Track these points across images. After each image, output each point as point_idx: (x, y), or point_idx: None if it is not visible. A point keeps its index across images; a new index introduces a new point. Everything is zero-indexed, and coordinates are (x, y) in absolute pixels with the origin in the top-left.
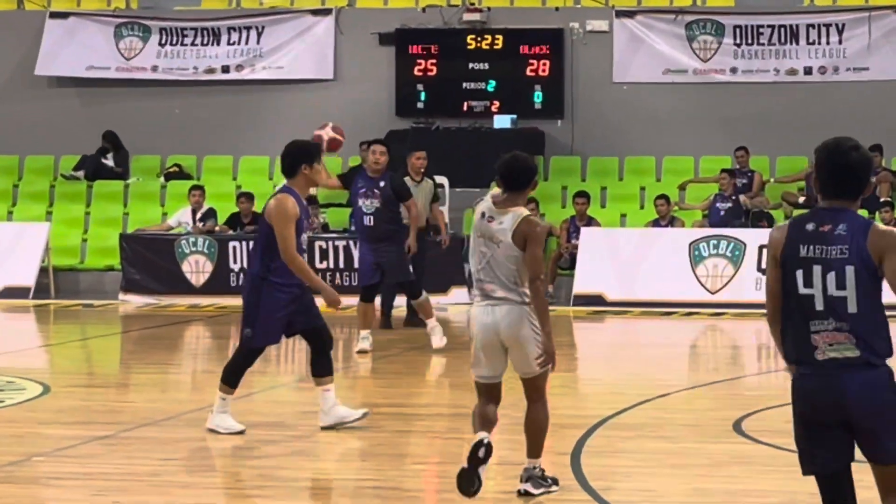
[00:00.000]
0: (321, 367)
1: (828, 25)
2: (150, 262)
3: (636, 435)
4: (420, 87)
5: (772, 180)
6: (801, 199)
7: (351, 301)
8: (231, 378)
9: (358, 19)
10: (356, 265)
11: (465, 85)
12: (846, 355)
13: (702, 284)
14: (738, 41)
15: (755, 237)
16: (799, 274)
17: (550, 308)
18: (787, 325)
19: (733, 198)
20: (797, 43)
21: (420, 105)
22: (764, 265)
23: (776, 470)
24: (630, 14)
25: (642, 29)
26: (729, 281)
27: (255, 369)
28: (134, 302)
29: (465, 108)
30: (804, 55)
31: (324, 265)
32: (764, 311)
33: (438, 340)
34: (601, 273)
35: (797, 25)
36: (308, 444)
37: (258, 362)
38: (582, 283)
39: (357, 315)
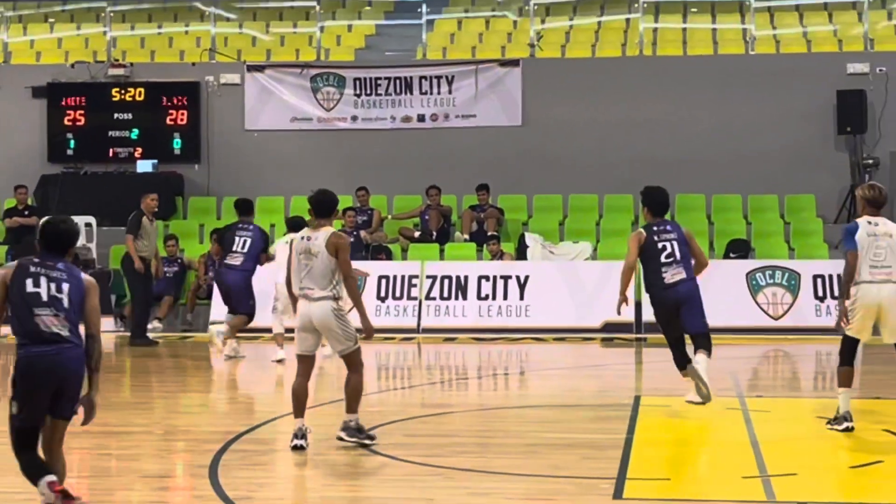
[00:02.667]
0: None
1: (439, 77)
2: None
3: (268, 449)
4: (70, 135)
5: (389, 217)
6: (417, 234)
7: None
8: None
9: (12, 74)
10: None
11: (110, 133)
12: (61, 334)
13: None
14: (357, 92)
15: (376, 269)
16: (29, 281)
17: (190, 334)
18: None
19: (354, 233)
20: (411, 93)
21: (70, 152)
22: (382, 294)
23: (395, 479)
24: (260, 68)
25: (271, 82)
26: (350, 310)
27: None
28: None
29: (111, 154)
30: (418, 104)
31: None
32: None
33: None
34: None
35: (411, 78)
36: None
37: None
38: (217, 311)
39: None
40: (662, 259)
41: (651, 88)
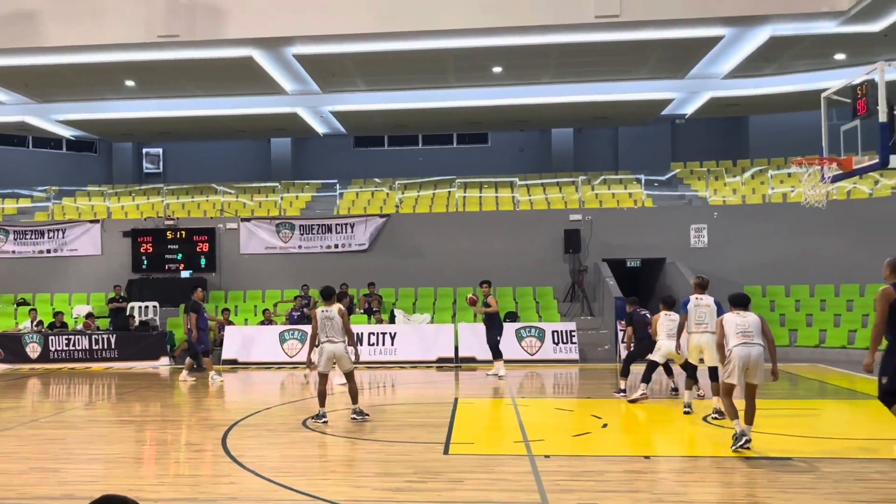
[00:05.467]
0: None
1: (346, 224)
2: (5, 346)
3: (255, 428)
4: (144, 258)
5: (318, 301)
6: None
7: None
8: None
9: (113, 224)
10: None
11: (167, 256)
12: None
13: (287, 354)
14: (302, 233)
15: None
16: None
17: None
18: None
19: (302, 310)
20: (331, 233)
21: (144, 266)
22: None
23: (324, 444)
24: (248, 220)
25: (254, 227)
26: (298, 350)
27: None
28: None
29: (167, 267)
30: (335, 239)
31: (98, 346)
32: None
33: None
34: (235, 347)
35: (331, 224)
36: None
37: None
38: (237, 351)
39: (210, 365)
40: None
41: (463, 230)
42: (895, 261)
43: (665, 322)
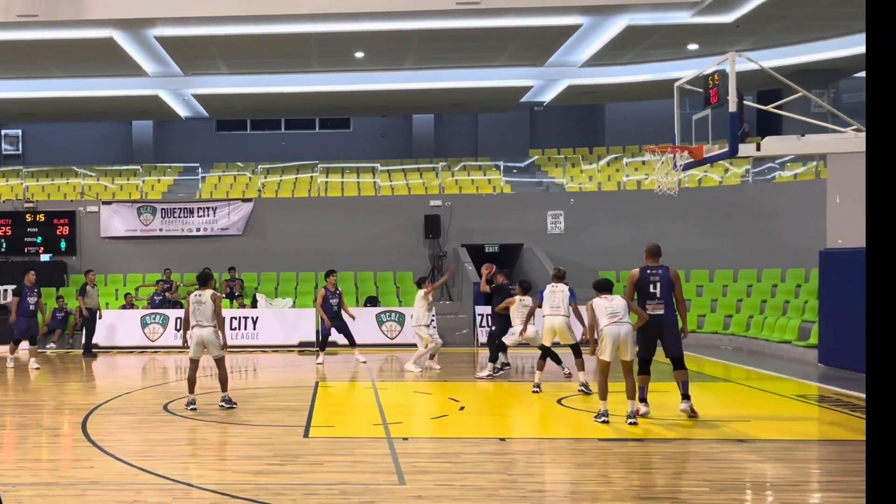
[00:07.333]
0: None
1: (208, 208)
2: None
3: (115, 413)
4: (3, 241)
5: (182, 285)
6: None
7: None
8: None
9: None
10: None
11: (26, 239)
12: None
13: (148, 338)
14: (163, 216)
15: (175, 314)
16: None
17: (70, 351)
18: None
19: (163, 294)
20: (193, 216)
21: (3, 250)
22: (178, 327)
23: (187, 428)
24: (109, 203)
25: (115, 210)
26: (160, 335)
27: None
28: None
29: (26, 251)
30: (196, 223)
31: None
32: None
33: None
34: (112, 334)
35: (193, 208)
36: None
37: None
38: (100, 336)
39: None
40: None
41: (325, 215)
42: (649, 247)
43: (520, 307)
